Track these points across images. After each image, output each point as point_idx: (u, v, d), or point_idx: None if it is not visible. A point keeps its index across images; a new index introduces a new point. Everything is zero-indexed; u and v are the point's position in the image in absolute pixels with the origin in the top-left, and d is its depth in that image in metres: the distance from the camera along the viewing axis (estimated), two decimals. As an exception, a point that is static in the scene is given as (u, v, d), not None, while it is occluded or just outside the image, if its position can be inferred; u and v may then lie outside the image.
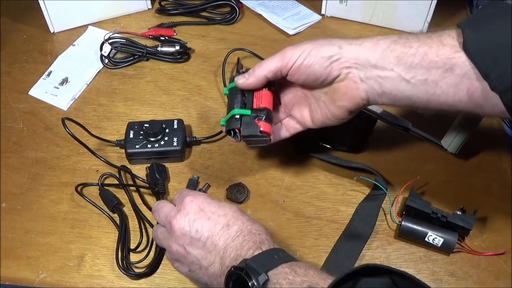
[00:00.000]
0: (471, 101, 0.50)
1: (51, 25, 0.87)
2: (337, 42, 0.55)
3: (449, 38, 0.50)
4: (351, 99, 0.55)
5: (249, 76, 0.57)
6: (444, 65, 0.49)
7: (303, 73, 0.55)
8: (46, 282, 0.59)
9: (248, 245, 0.49)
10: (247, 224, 0.51)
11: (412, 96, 0.52)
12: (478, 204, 0.61)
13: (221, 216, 0.51)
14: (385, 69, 0.52)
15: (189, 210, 0.51)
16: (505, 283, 0.58)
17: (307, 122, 0.61)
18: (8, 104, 0.78)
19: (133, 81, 0.81)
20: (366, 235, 0.62)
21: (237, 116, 0.57)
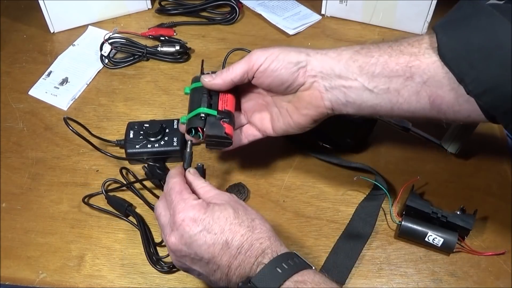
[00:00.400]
0: (434, 108, 0.50)
1: (51, 25, 0.88)
2: (304, 50, 0.55)
3: (408, 47, 0.51)
4: (316, 108, 0.55)
5: (216, 76, 0.57)
6: (404, 73, 0.50)
7: (268, 77, 0.55)
8: (46, 282, 0.59)
9: (251, 262, 0.47)
10: (246, 236, 0.48)
11: (376, 105, 0.53)
12: (478, 204, 0.61)
13: (218, 234, 0.48)
14: (349, 79, 0.53)
15: (183, 231, 0.48)
16: (505, 283, 0.58)
17: (267, 130, 0.61)
18: (8, 104, 0.78)
19: (133, 81, 0.81)
20: (366, 235, 0.62)
21: (202, 115, 0.57)
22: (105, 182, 0.66)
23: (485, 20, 0.46)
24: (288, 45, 0.57)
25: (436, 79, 0.49)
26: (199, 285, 0.58)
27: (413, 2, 0.83)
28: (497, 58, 0.45)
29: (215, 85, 0.57)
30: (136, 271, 0.60)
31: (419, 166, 0.69)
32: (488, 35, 0.46)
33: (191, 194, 0.52)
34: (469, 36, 0.47)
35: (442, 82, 0.49)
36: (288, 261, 0.46)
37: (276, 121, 0.60)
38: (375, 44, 0.53)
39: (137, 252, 0.61)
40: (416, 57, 0.50)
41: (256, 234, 0.48)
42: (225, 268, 0.48)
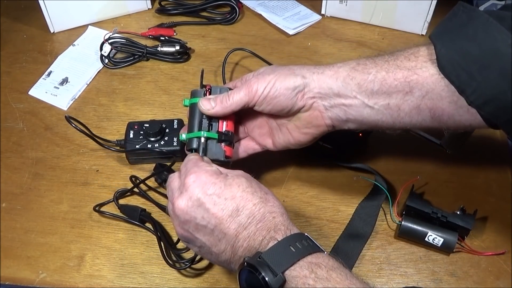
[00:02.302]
0: (435, 119, 0.50)
1: (51, 25, 0.88)
2: (299, 71, 0.55)
3: (405, 61, 0.50)
4: (317, 127, 0.56)
5: (215, 105, 0.56)
6: (404, 88, 0.50)
7: (268, 104, 0.55)
8: (46, 282, 0.59)
9: (261, 235, 0.46)
10: (259, 206, 0.47)
11: (377, 121, 0.53)
12: (478, 204, 0.61)
13: (228, 200, 0.47)
14: (348, 97, 0.53)
15: (192, 193, 0.48)
16: (505, 283, 0.58)
17: (267, 145, 0.61)
18: (8, 104, 0.78)
19: (133, 81, 0.81)
20: (366, 235, 0.62)
21: (202, 140, 0.56)
22: (116, 192, 0.65)
23: (483, 28, 0.46)
24: (283, 66, 0.57)
25: (435, 92, 0.49)
26: (199, 285, 0.58)
27: (413, 2, 0.83)
28: (496, 68, 0.45)
29: (214, 115, 0.57)
30: (136, 271, 0.60)
31: (419, 166, 0.69)
32: (486, 45, 0.45)
33: (206, 164, 0.52)
34: (467, 47, 0.46)
35: (442, 94, 0.48)
36: (302, 241, 0.45)
37: (276, 137, 0.59)
38: (371, 59, 0.53)
39: (137, 252, 0.61)
40: (413, 72, 0.49)
41: (269, 206, 0.48)
42: (232, 238, 0.46)
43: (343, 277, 0.43)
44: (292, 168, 0.69)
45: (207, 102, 0.56)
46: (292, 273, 0.43)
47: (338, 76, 0.53)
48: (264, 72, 0.56)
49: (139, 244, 0.62)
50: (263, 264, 0.43)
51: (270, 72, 0.55)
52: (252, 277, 0.44)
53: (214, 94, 0.57)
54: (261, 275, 0.42)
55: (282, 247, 0.44)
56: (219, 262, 0.49)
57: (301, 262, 0.44)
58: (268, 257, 0.43)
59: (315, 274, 0.43)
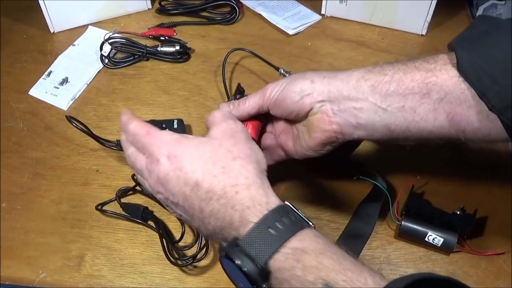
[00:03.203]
0: (453, 126, 0.48)
1: (51, 25, 0.87)
2: (310, 76, 0.53)
3: (423, 63, 0.49)
4: (323, 132, 0.53)
5: (233, 108, 0.56)
6: (421, 90, 0.48)
7: (278, 108, 0.54)
8: (46, 282, 0.59)
9: (228, 214, 0.42)
10: (219, 178, 0.43)
11: (390, 125, 0.50)
12: (478, 204, 0.61)
13: (189, 173, 0.44)
14: (359, 100, 0.51)
15: (158, 171, 0.45)
16: (505, 283, 0.58)
17: (291, 151, 0.59)
18: (8, 104, 0.78)
19: (133, 81, 0.81)
20: (366, 235, 0.62)
21: None
22: (118, 190, 0.65)
23: (506, 35, 0.45)
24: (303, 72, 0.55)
25: (454, 95, 0.47)
26: (200, 285, 0.58)
27: (413, 2, 0.83)
28: None
29: None
30: (136, 271, 0.60)
31: (419, 166, 0.69)
32: (510, 48, 0.44)
33: (160, 130, 0.48)
34: (490, 51, 0.45)
35: (461, 98, 0.47)
36: (282, 219, 0.41)
37: (296, 144, 0.58)
38: (389, 62, 0.52)
39: (137, 252, 0.61)
40: (432, 73, 0.48)
41: (231, 178, 0.44)
42: (198, 214, 0.44)
43: (334, 261, 0.40)
44: (292, 168, 0.69)
45: (226, 106, 0.57)
46: (276, 264, 0.40)
47: (350, 78, 0.51)
48: (286, 78, 0.56)
49: (139, 244, 0.62)
50: (242, 253, 0.40)
51: (288, 77, 0.55)
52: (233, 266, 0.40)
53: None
54: (244, 268, 0.39)
55: (260, 231, 0.40)
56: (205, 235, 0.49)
57: (285, 249, 0.40)
58: (246, 245, 0.40)
59: (302, 263, 0.39)
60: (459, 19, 0.92)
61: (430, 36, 0.88)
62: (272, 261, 0.40)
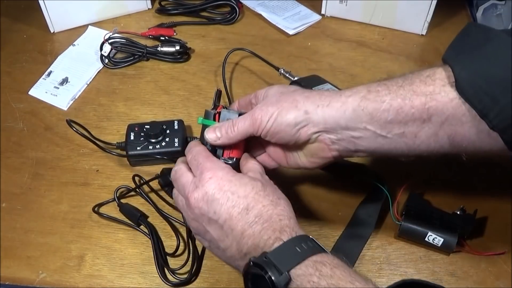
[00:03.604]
0: (453, 145, 0.48)
1: (51, 25, 0.87)
2: (302, 105, 0.50)
3: (421, 85, 0.47)
4: (323, 159, 0.53)
5: (221, 136, 0.54)
6: (421, 116, 0.47)
7: (273, 137, 0.52)
8: (46, 282, 0.59)
9: (267, 234, 0.46)
10: (268, 208, 0.47)
11: (390, 149, 0.50)
12: (478, 204, 0.61)
13: (241, 198, 0.48)
14: (357, 129, 0.49)
15: (208, 188, 0.48)
16: (505, 283, 0.58)
17: (282, 162, 0.58)
18: (8, 104, 0.78)
19: (133, 81, 0.81)
20: (366, 235, 0.62)
21: None
22: (117, 189, 0.65)
23: (503, 49, 0.44)
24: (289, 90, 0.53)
25: (456, 117, 0.46)
26: (199, 285, 0.58)
27: (413, 2, 0.83)
28: None
29: (221, 145, 0.55)
30: (136, 271, 0.60)
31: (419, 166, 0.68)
32: (509, 66, 0.44)
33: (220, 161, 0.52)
34: (488, 68, 0.45)
35: (462, 119, 0.46)
36: (308, 242, 0.46)
37: (288, 158, 0.57)
38: (383, 84, 0.49)
39: (137, 252, 0.61)
40: (432, 97, 0.46)
41: (278, 209, 0.48)
42: (238, 234, 0.47)
43: (346, 274, 0.43)
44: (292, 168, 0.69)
45: (212, 133, 0.54)
46: (297, 272, 0.43)
47: (347, 108, 0.49)
48: (269, 100, 0.53)
49: (139, 244, 0.62)
50: (269, 263, 0.43)
51: (274, 102, 0.52)
52: (257, 277, 0.44)
53: (222, 120, 0.55)
54: (267, 274, 0.42)
55: (288, 247, 0.45)
56: (226, 258, 0.50)
57: (306, 261, 0.44)
58: (274, 257, 0.44)
59: (319, 272, 0.43)
60: (459, 19, 0.92)
61: (430, 36, 0.88)
62: (294, 270, 0.43)
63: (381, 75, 0.81)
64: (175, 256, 0.61)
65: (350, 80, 0.80)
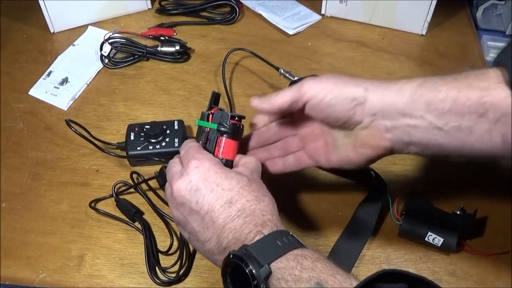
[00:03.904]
0: (506, 146, 0.46)
1: (51, 25, 0.88)
2: (362, 82, 0.49)
3: (476, 80, 0.46)
4: (374, 149, 0.50)
5: (263, 100, 0.53)
6: (477, 109, 0.46)
7: (322, 111, 0.50)
8: (46, 282, 0.59)
9: (248, 228, 0.45)
10: (252, 203, 0.47)
11: (444, 144, 0.48)
12: (478, 204, 0.61)
13: (225, 191, 0.47)
14: (414, 117, 0.48)
15: (192, 177, 0.48)
16: (505, 283, 0.58)
17: (321, 160, 0.56)
18: (8, 104, 0.78)
19: (133, 81, 0.81)
20: (366, 235, 0.62)
21: None
22: (115, 184, 0.65)
23: None
24: (344, 75, 0.51)
25: (510, 116, 0.45)
26: (199, 285, 0.58)
27: (413, 2, 0.83)
28: None
29: (261, 111, 0.54)
30: (136, 271, 0.60)
31: (419, 166, 0.69)
32: None
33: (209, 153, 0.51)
34: None
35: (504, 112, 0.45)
36: (289, 237, 0.45)
37: (331, 154, 0.55)
38: (438, 76, 0.48)
39: (137, 252, 0.61)
40: (488, 92, 0.45)
41: (261, 205, 0.47)
42: (218, 227, 0.46)
43: (327, 267, 0.43)
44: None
45: (256, 98, 0.53)
46: (278, 265, 0.43)
47: (404, 92, 0.48)
48: (324, 76, 0.51)
49: (139, 244, 0.62)
50: (249, 255, 0.42)
51: (330, 76, 0.50)
52: (237, 270, 0.43)
53: (214, 121, 0.54)
54: (248, 267, 0.42)
55: (269, 241, 0.44)
56: (204, 251, 0.49)
57: (287, 255, 0.43)
58: (254, 250, 0.43)
59: (301, 265, 0.43)
60: (459, 19, 0.92)
61: (430, 36, 0.88)
62: (274, 263, 0.43)
63: (381, 75, 0.82)
64: (168, 254, 0.60)
65: (350, 80, 0.80)
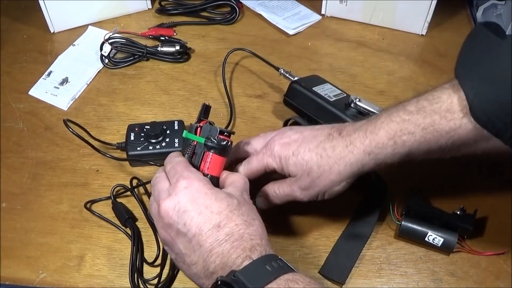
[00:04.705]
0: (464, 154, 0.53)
1: (51, 25, 0.88)
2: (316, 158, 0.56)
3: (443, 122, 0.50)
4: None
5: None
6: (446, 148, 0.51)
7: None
8: (46, 282, 0.59)
9: (236, 253, 0.44)
10: (240, 227, 0.46)
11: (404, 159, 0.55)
12: (478, 204, 0.61)
13: (214, 214, 0.46)
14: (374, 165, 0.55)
15: (181, 198, 0.47)
16: (505, 283, 0.58)
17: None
18: (8, 104, 0.78)
19: (133, 81, 0.81)
20: (366, 235, 0.62)
21: None
22: (114, 187, 0.65)
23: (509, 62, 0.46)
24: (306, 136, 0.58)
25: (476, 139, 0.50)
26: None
27: (413, 2, 0.83)
28: None
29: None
30: (136, 271, 0.60)
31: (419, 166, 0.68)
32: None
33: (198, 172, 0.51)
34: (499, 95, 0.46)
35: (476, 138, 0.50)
36: (278, 262, 0.45)
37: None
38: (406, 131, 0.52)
39: (137, 252, 0.61)
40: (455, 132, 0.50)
41: (250, 229, 0.46)
42: (205, 252, 0.45)
43: None
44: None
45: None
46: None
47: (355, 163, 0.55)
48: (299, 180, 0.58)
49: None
50: (238, 281, 0.41)
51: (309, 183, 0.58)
52: None
53: (203, 135, 0.54)
54: None
55: (258, 266, 0.44)
56: (190, 274, 0.48)
57: (277, 280, 0.43)
58: (243, 276, 0.42)
59: None
60: (459, 19, 0.92)
61: (430, 36, 0.88)
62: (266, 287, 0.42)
63: (381, 75, 0.82)
64: (154, 265, 0.59)
65: (350, 80, 0.80)
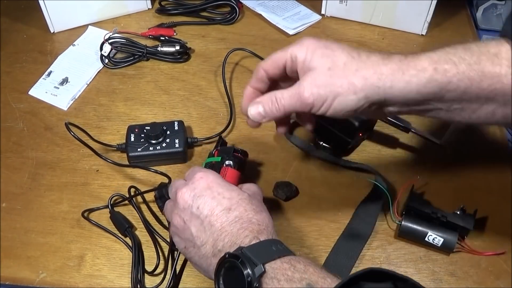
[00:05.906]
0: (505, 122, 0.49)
1: (51, 25, 0.88)
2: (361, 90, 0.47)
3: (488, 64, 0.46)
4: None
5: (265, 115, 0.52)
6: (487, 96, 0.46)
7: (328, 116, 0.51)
8: (46, 282, 0.59)
9: (244, 233, 0.48)
10: (249, 212, 0.50)
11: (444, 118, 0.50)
12: (478, 204, 0.61)
13: (225, 199, 0.50)
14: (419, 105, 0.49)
15: (196, 186, 0.51)
16: (505, 283, 0.58)
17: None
18: (8, 104, 0.78)
19: (133, 81, 0.81)
20: (366, 235, 0.62)
21: None
22: (112, 196, 0.64)
23: None
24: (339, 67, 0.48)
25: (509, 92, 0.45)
26: (200, 285, 0.58)
27: (413, 2, 0.83)
28: None
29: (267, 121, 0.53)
30: (136, 271, 0.60)
31: (419, 166, 0.69)
32: None
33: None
34: None
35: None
36: (284, 246, 0.48)
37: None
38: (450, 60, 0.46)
39: (137, 252, 0.61)
40: (498, 79, 0.45)
41: (258, 216, 0.50)
42: (216, 231, 0.49)
43: (318, 270, 0.45)
44: (292, 168, 0.69)
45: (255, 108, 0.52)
46: (272, 265, 0.45)
47: (411, 89, 0.47)
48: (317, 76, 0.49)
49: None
50: (244, 255, 0.44)
51: (325, 82, 0.48)
52: (231, 269, 0.45)
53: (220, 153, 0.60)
54: (243, 264, 0.43)
55: (264, 245, 0.47)
56: (200, 256, 0.50)
57: (282, 258, 0.46)
58: (250, 251, 0.45)
59: (293, 267, 0.45)
60: (459, 19, 0.92)
61: (430, 36, 0.88)
62: (268, 264, 0.45)
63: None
64: (154, 274, 0.59)
65: (350, 80, 0.80)
